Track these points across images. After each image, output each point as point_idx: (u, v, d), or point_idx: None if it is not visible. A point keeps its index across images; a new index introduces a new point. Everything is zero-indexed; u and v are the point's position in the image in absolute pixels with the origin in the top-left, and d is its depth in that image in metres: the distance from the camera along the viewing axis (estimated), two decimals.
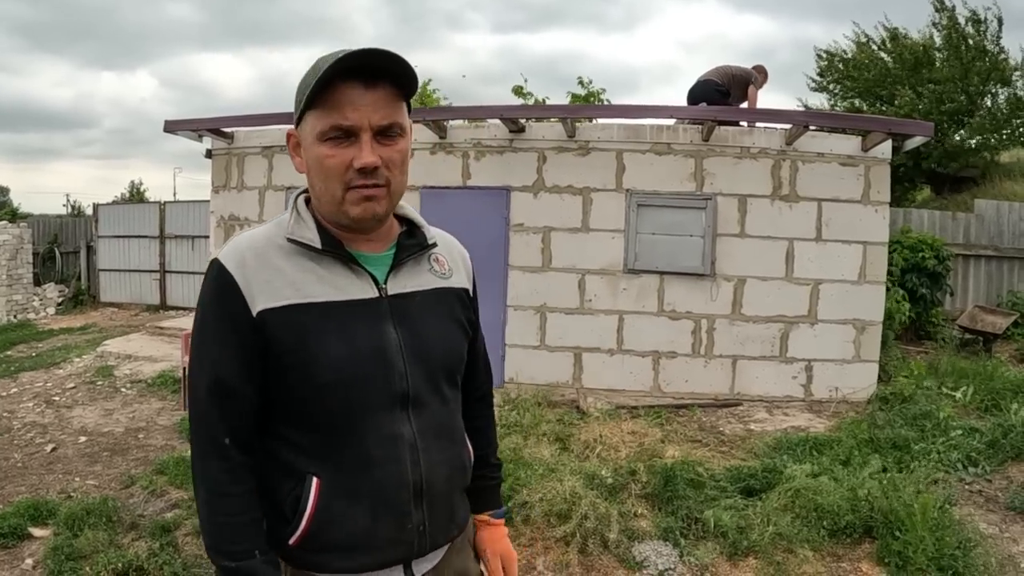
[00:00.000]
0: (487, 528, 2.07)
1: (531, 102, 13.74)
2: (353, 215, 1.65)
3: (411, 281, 1.79)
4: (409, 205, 1.86)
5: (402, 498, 1.68)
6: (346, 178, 1.61)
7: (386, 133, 1.62)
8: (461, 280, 1.93)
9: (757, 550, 4.68)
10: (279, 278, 1.63)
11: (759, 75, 10.27)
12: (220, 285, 1.63)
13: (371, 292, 1.71)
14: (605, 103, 13.81)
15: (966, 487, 5.76)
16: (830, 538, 4.80)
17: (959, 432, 6.59)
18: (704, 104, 9.49)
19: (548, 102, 13.16)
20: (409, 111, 1.72)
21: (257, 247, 1.67)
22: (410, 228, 1.86)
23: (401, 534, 1.70)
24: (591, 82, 14.46)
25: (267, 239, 1.70)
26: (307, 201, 1.76)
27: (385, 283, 1.73)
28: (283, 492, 1.66)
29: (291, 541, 1.65)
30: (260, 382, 1.64)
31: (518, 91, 14.33)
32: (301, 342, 1.61)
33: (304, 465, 1.65)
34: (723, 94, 9.91)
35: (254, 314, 1.60)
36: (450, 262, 1.92)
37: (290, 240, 1.68)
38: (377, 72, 1.59)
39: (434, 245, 1.88)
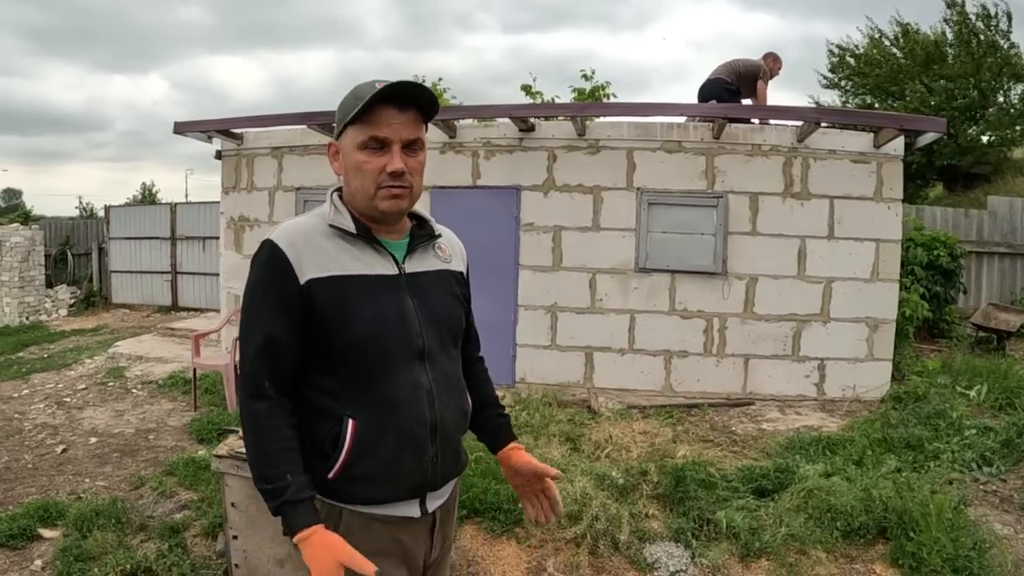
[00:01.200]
0: (517, 452, 2.44)
1: (540, 101, 13.66)
2: (382, 208, 2.06)
3: (422, 263, 2.21)
4: (418, 205, 2.23)
5: (421, 434, 2.06)
6: (379, 179, 2.02)
7: (411, 147, 2.05)
8: (459, 265, 2.37)
9: (769, 551, 4.64)
10: (323, 255, 2.03)
11: (772, 63, 10.12)
12: (273, 259, 2.01)
13: (393, 270, 2.12)
14: (611, 97, 13.72)
15: (981, 487, 5.71)
16: (843, 539, 4.76)
17: (973, 431, 6.54)
18: (714, 102, 9.44)
19: (557, 101, 13.10)
20: (426, 128, 2.15)
21: (304, 230, 2.06)
22: (419, 222, 2.29)
23: (419, 464, 2.07)
24: (594, 72, 14.34)
25: (311, 225, 2.09)
26: (339, 197, 2.17)
27: (403, 263, 2.15)
28: (323, 433, 2.02)
29: (330, 475, 2.00)
30: (303, 340, 2.01)
31: (527, 89, 14.25)
32: (341, 305, 2.00)
33: (341, 409, 2.02)
34: (733, 92, 9.83)
35: (302, 283, 1.98)
36: (450, 250, 2.35)
37: (331, 226, 2.07)
38: (408, 99, 2.02)
39: (439, 236, 2.31)
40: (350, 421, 1.99)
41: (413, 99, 2.02)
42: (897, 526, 4.69)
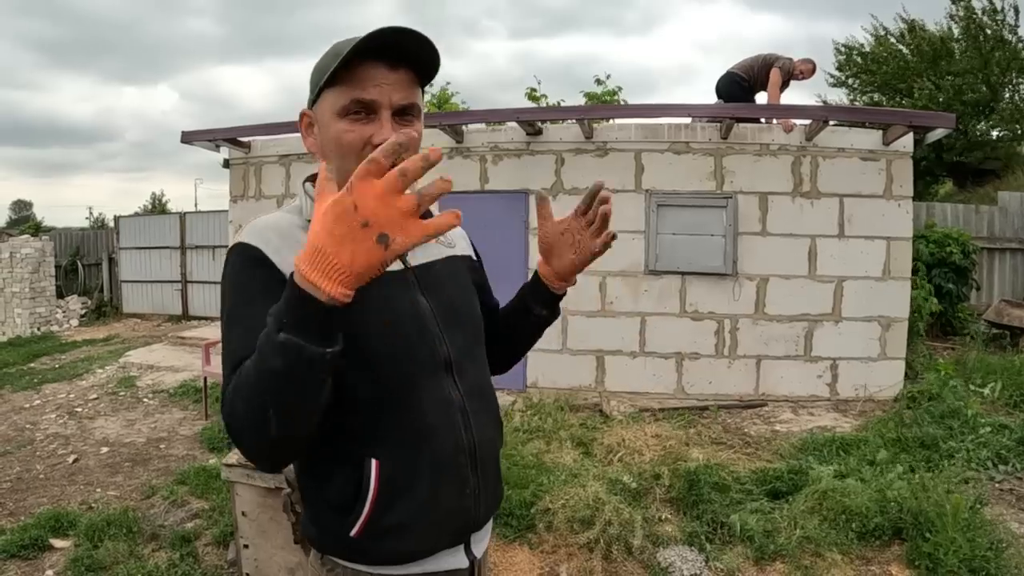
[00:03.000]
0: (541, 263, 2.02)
1: (545, 104, 13.68)
2: None
3: (426, 252, 1.81)
4: None
5: (460, 462, 1.70)
6: (363, 154, 1.54)
7: (404, 114, 1.62)
8: (465, 249, 2.02)
9: (784, 554, 4.61)
10: None
11: (800, 63, 9.53)
12: (247, 257, 1.58)
13: (397, 264, 1.70)
14: (621, 102, 13.75)
15: (996, 486, 5.67)
16: (859, 541, 4.73)
17: (988, 429, 6.49)
18: (721, 101, 9.37)
19: (563, 104, 13.11)
20: (423, 96, 1.74)
21: (276, 225, 1.65)
22: None
23: (461, 500, 1.70)
24: (608, 77, 14.40)
25: (285, 220, 1.69)
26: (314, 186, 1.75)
27: (406, 255, 1.74)
28: (339, 481, 1.62)
29: (353, 532, 1.61)
30: None
31: (532, 94, 14.28)
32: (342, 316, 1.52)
33: (359, 449, 1.61)
34: (746, 90, 9.64)
35: (285, 276, 1.40)
36: (451, 235, 1.96)
37: (310, 221, 1.56)
38: (400, 54, 1.58)
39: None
40: (373, 462, 1.59)
41: (406, 55, 1.59)
42: (913, 527, 4.66)
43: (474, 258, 2.07)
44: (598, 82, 13.97)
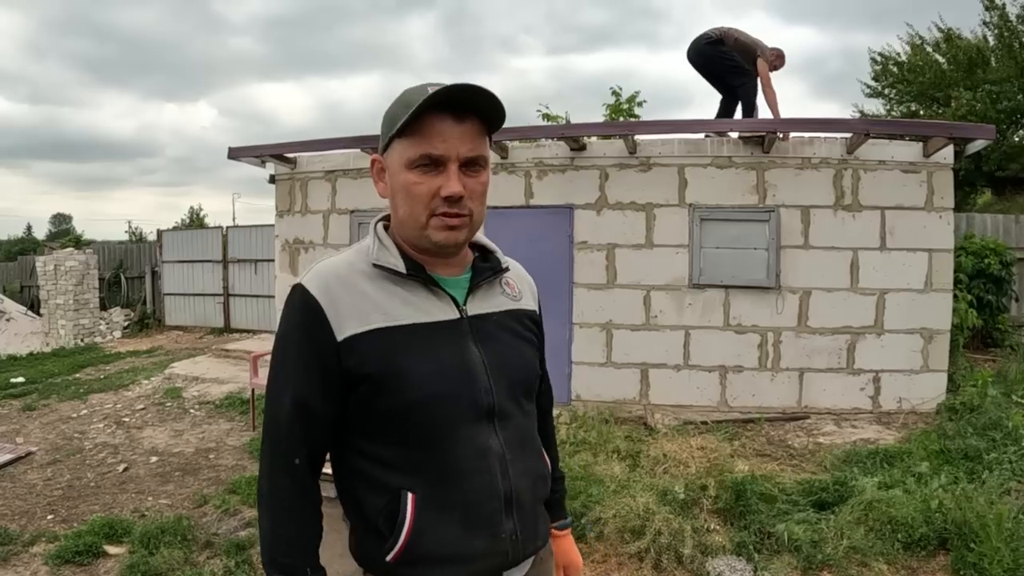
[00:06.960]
0: (553, 540, 2.09)
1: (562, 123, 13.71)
2: (436, 240, 1.70)
3: (487, 303, 1.84)
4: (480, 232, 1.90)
5: (494, 508, 1.71)
6: (432, 205, 1.66)
7: (471, 165, 1.68)
8: (530, 303, 2.00)
9: (832, 564, 4.63)
10: (366, 302, 1.67)
11: (773, 56, 9.13)
12: (305, 310, 1.66)
13: (453, 314, 1.75)
14: (641, 106, 13.80)
15: None
16: (904, 551, 4.74)
17: None
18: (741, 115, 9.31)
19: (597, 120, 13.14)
20: (491, 143, 1.80)
21: (341, 273, 1.71)
22: (483, 253, 1.93)
23: (495, 544, 1.72)
24: (631, 93, 14.36)
25: (349, 265, 1.74)
26: (385, 228, 1.84)
27: (465, 305, 1.78)
28: (376, 509, 1.68)
29: (389, 558, 1.66)
30: (340, 406, 1.68)
31: (547, 116, 14.25)
32: (390, 362, 1.63)
33: (397, 482, 1.66)
34: (715, 42, 9.23)
35: (339, 340, 1.63)
36: (519, 286, 1.99)
37: (375, 265, 1.72)
38: (467, 106, 1.64)
39: (507, 269, 1.95)
40: (409, 496, 1.65)
41: (473, 106, 1.65)
42: (957, 537, 4.67)
43: (538, 314, 2.06)
44: (615, 94, 13.98)
